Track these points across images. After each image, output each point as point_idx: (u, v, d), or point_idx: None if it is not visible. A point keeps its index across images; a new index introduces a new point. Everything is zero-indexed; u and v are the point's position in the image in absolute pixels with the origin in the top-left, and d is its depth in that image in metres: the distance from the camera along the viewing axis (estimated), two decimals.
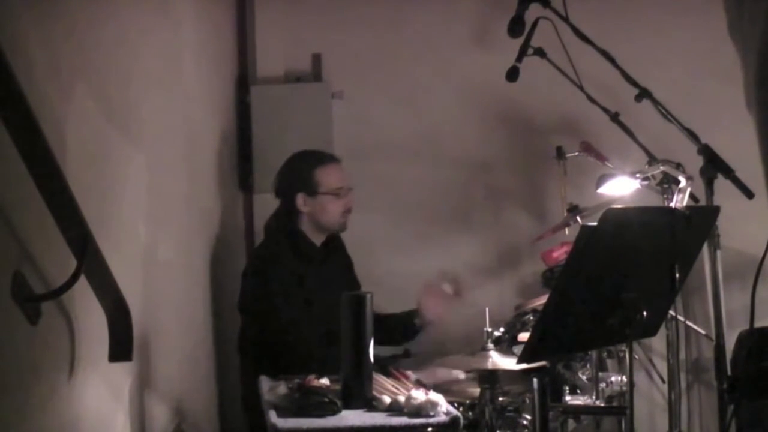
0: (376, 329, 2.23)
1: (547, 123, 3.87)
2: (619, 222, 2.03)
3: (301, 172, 3.08)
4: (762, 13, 1.26)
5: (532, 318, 3.05)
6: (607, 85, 3.05)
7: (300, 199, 3.05)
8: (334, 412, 2.08)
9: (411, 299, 3.89)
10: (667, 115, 2.76)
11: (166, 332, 2.60)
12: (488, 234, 3.94)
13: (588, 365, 2.78)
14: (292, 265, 2.98)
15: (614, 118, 3.08)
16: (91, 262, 1.71)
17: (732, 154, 2.46)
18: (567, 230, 3.33)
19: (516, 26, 3.01)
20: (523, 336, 2.85)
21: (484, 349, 2.46)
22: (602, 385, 2.71)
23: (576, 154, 3.45)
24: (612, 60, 2.84)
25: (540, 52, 3.14)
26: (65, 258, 1.67)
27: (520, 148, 3.92)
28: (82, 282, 1.72)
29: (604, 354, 2.95)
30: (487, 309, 2.47)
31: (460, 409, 2.48)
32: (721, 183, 2.45)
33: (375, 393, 2.20)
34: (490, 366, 2.39)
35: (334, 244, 3.20)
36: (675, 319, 3.22)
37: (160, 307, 2.53)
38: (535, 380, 2.24)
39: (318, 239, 3.12)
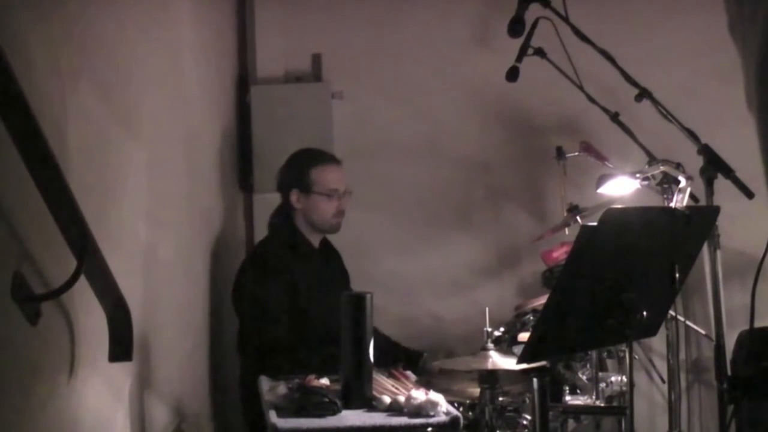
0: (384, 351, 2.19)
1: (547, 123, 3.87)
2: (619, 222, 2.03)
3: (298, 169, 3.10)
4: (761, 13, 1.26)
5: (532, 318, 3.05)
6: (607, 85, 3.05)
7: (294, 196, 3.07)
8: (334, 412, 2.08)
9: (410, 299, 3.89)
10: (667, 115, 2.76)
11: (166, 332, 2.60)
12: (488, 234, 3.94)
13: (588, 365, 2.78)
14: (290, 266, 2.98)
15: (614, 118, 3.08)
16: (91, 262, 1.70)
17: (732, 154, 2.45)
18: (567, 230, 3.33)
19: (516, 26, 3.01)
20: (523, 336, 2.85)
21: (484, 349, 2.46)
22: (602, 385, 2.71)
23: (576, 154, 3.45)
24: (612, 60, 2.83)
25: (540, 52, 3.14)
26: (65, 258, 1.67)
27: (520, 148, 3.92)
28: (82, 282, 1.72)
29: (604, 354, 2.95)
30: (487, 309, 2.47)
31: (460, 409, 2.48)
32: (721, 183, 2.44)
33: (375, 393, 2.20)
34: (490, 366, 2.39)
35: (330, 245, 3.21)
36: (675, 319, 3.21)
37: (160, 307, 2.53)
38: (535, 380, 2.23)
39: (315, 239, 3.13)
